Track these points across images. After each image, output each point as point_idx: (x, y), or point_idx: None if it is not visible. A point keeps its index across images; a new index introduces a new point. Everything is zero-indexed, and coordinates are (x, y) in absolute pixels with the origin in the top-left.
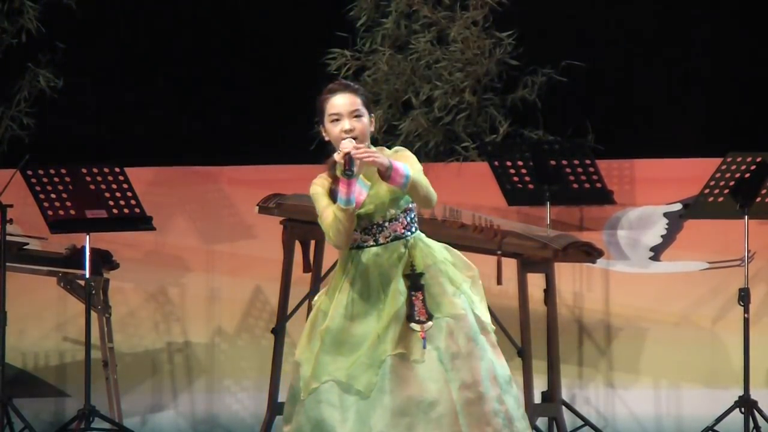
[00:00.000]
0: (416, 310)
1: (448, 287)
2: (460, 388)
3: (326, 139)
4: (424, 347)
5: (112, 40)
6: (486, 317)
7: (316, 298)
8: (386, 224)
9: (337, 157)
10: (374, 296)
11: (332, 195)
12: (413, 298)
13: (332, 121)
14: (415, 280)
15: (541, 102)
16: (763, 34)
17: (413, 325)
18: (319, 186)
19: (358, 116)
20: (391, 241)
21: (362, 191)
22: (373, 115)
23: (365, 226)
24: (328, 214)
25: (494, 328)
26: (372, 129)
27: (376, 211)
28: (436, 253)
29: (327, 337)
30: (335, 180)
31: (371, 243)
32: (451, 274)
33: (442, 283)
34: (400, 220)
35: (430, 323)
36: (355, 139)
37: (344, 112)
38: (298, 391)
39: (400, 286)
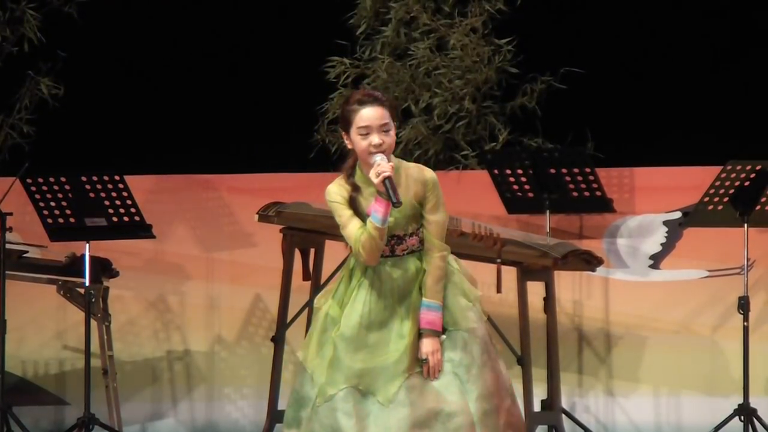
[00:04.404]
0: None
1: (461, 301)
2: (476, 399)
3: (348, 146)
4: None
5: (113, 48)
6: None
7: (317, 300)
8: (406, 238)
9: (374, 179)
10: (390, 306)
11: (351, 203)
12: None
13: (361, 134)
14: None
15: (540, 110)
16: (763, 42)
17: None
18: (337, 195)
19: (387, 130)
20: (407, 254)
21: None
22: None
23: None
24: (354, 226)
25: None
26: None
27: (398, 224)
28: (449, 264)
29: (342, 344)
30: (354, 188)
31: (387, 254)
32: (465, 288)
33: (456, 296)
34: (418, 234)
35: (443, 336)
36: (383, 152)
37: (374, 126)
38: (305, 397)
39: (418, 302)
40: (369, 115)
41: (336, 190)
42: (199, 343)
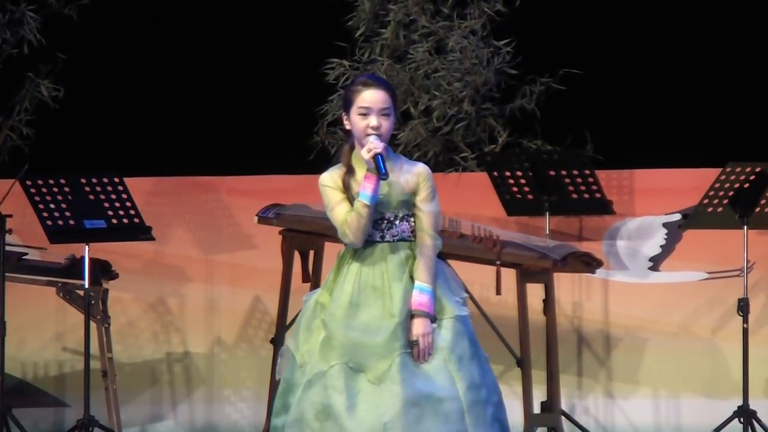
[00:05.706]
0: None
1: (451, 294)
2: (467, 388)
3: (347, 127)
4: None
5: (113, 50)
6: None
7: (306, 296)
8: (396, 222)
9: (365, 155)
10: (380, 288)
11: (345, 187)
12: None
13: (360, 114)
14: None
15: (539, 111)
16: (761, 42)
17: None
18: (330, 180)
19: (387, 115)
20: (398, 240)
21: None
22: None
23: (375, 219)
24: (341, 209)
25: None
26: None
27: (388, 204)
28: (439, 263)
29: (333, 322)
30: (350, 170)
31: (377, 239)
32: (453, 286)
33: (446, 289)
34: (410, 222)
35: (433, 324)
36: (379, 137)
37: (374, 108)
38: (295, 383)
39: (409, 286)
40: (371, 97)
41: (329, 176)
42: (198, 345)
